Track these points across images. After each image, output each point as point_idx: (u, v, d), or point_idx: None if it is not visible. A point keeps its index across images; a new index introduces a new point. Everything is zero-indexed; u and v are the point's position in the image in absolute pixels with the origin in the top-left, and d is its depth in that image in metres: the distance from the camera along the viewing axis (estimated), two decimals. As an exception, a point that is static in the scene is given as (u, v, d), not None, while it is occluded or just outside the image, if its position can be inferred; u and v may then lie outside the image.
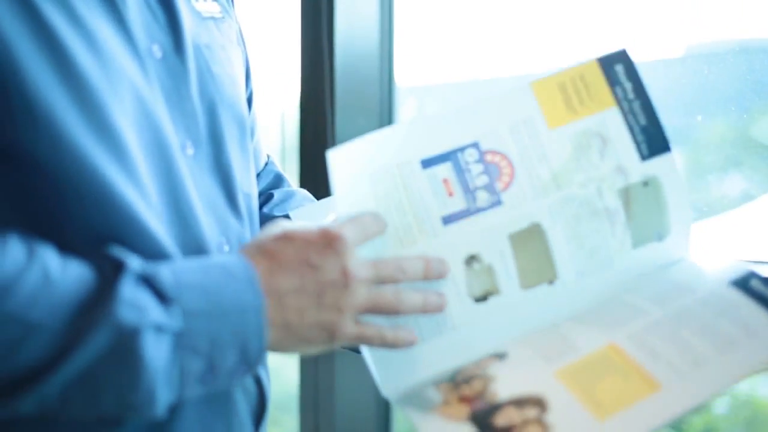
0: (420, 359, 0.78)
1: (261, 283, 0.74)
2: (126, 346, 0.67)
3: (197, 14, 0.93)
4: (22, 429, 0.74)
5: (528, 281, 0.80)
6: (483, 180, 0.81)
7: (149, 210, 0.77)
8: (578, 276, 0.79)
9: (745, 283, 0.71)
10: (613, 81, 0.82)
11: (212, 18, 0.96)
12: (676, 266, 0.79)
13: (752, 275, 0.72)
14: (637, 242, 0.80)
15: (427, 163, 0.81)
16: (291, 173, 1.80)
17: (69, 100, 0.73)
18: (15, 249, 0.68)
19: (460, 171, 0.82)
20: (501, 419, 0.67)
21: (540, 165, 0.81)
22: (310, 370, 1.60)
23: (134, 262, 0.72)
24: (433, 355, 0.79)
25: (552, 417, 0.66)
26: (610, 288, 0.79)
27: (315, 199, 1.13)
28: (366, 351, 0.83)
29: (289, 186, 1.14)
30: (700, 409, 0.65)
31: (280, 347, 0.77)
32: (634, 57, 0.83)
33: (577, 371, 0.69)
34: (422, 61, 2.05)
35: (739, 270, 0.73)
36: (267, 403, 0.95)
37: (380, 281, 0.79)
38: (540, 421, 0.66)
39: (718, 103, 1.61)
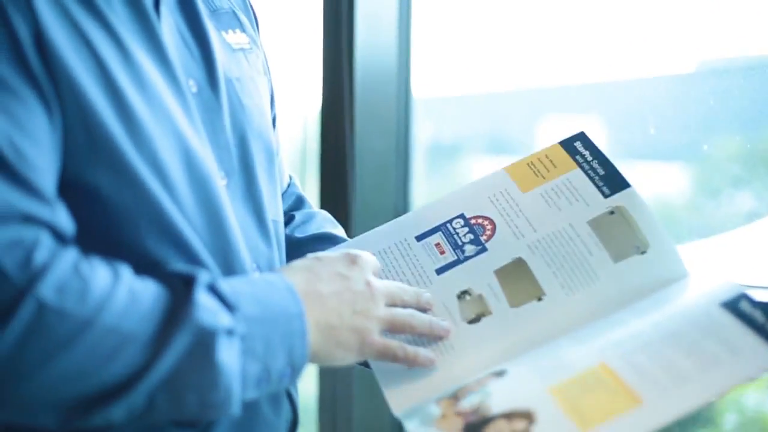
0: (423, 378, 0.88)
1: (300, 291, 0.82)
2: (205, 346, 0.73)
3: (228, 46, 0.98)
4: None
5: (517, 301, 0.92)
6: (469, 237, 0.99)
7: (195, 237, 0.84)
8: (566, 290, 0.91)
9: (735, 305, 0.77)
10: (573, 153, 0.99)
11: (242, 50, 1.01)
12: (674, 286, 0.86)
13: (742, 297, 0.78)
14: (618, 257, 0.91)
15: (420, 237, 1.01)
16: (311, 177, 1.82)
17: (125, 135, 0.79)
18: (102, 269, 0.75)
19: (449, 235, 1.01)
20: (490, 431, 0.75)
21: (518, 217, 0.98)
22: (328, 384, 1.63)
23: (203, 275, 0.78)
24: (436, 374, 0.88)
25: (538, 429, 0.73)
26: (607, 298, 0.88)
27: (333, 219, 1.21)
28: (376, 369, 0.92)
29: (309, 207, 1.19)
30: (680, 420, 0.70)
31: (319, 352, 0.83)
32: (591, 136, 1.00)
33: (568, 387, 0.76)
34: (438, 73, 2.06)
35: (730, 291, 0.79)
36: (298, 419, 1.01)
37: (392, 304, 0.90)
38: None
39: (728, 120, 1.61)
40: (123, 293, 0.74)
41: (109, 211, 0.79)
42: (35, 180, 0.73)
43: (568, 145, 1.00)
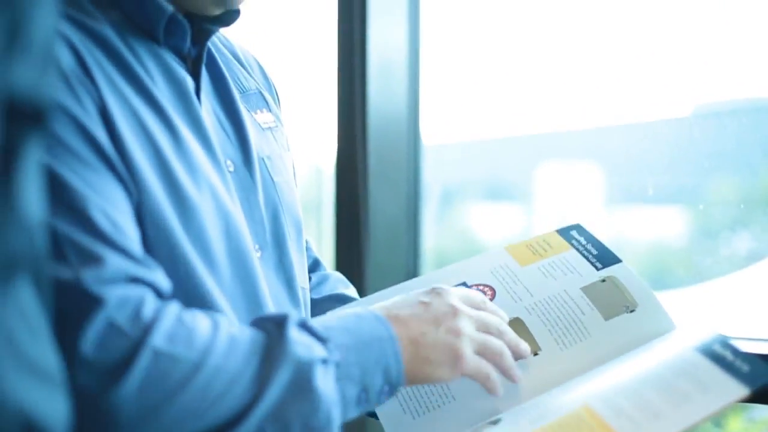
0: (428, 425, 0.96)
1: (385, 318, 0.90)
2: (304, 378, 0.80)
3: (258, 126, 1.06)
4: None
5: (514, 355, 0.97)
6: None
7: (231, 307, 0.91)
8: (560, 346, 0.98)
9: (709, 347, 0.85)
10: (569, 239, 1.09)
11: (270, 128, 1.09)
12: (659, 338, 0.95)
13: (716, 341, 0.86)
14: (608, 315, 0.98)
15: None
16: (327, 224, 1.86)
17: (178, 218, 0.87)
18: (201, 318, 0.82)
19: None
20: None
21: (516, 285, 1.06)
22: None
23: (291, 314, 0.85)
24: (439, 422, 0.96)
25: None
26: (599, 352, 0.96)
27: (345, 280, 1.28)
28: (383, 419, 0.99)
29: (324, 270, 1.27)
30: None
31: (413, 369, 0.89)
32: (586, 226, 1.11)
33: (554, 428, 0.83)
34: (446, 121, 2.09)
35: (706, 336, 0.87)
36: None
37: (485, 331, 0.95)
38: None
39: (725, 163, 1.60)
40: (224, 337, 0.81)
41: None
42: (130, 246, 0.80)
43: (564, 232, 1.10)
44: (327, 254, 1.77)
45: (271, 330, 0.84)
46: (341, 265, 1.62)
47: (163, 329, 0.79)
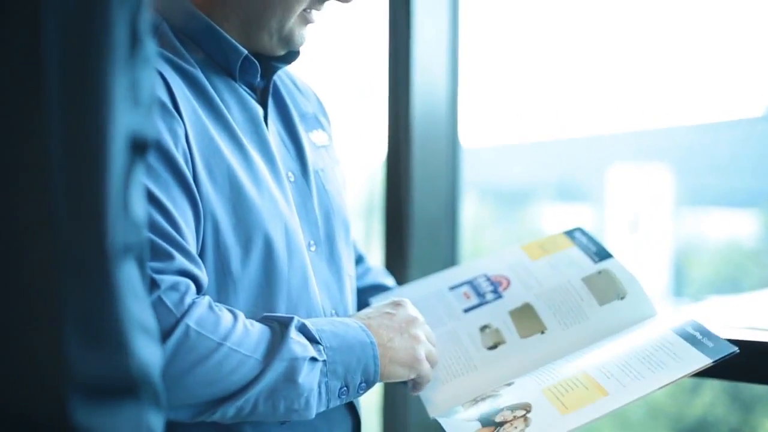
0: (454, 389, 1.15)
1: (367, 326, 1.10)
2: (293, 371, 1.01)
3: (313, 144, 1.25)
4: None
5: (525, 333, 1.18)
6: (490, 288, 1.27)
7: (286, 290, 1.11)
8: (562, 326, 1.17)
9: (682, 328, 1.06)
10: (572, 238, 1.27)
11: (323, 146, 1.28)
12: (645, 321, 1.13)
13: (689, 323, 1.06)
14: (603, 301, 1.17)
15: (452, 288, 1.29)
16: (377, 225, 2.01)
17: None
18: (226, 311, 1.02)
19: (475, 287, 1.28)
20: (498, 417, 1.03)
21: (527, 276, 1.25)
22: (389, 394, 1.84)
23: (294, 319, 1.05)
24: (462, 387, 1.15)
25: (533, 414, 1.01)
26: (595, 332, 1.14)
27: (385, 272, 1.49)
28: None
29: (367, 263, 1.46)
30: (633, 405, 0.99)
31: (383, 369, 1.09)
32: (586, 228, 1.28)
33: (557, 387, 1.03)
34: (484, 126, 2.12)
35: (682, 320, 1.08)
36: (361, 423, 1.21)
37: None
38: (524, 417, 1.01)
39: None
40: (241, 327, 1.01)
41: None
42: (187, 247, 1.00)
43: (569, 233, 1.28)
44: (376, 249, 1.96)
45: (277, 328, 1.04)
46: (388, 259, 1.79)
47: (196, 314, 0.99)
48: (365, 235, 2.23)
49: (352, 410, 1.19)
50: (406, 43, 1.79)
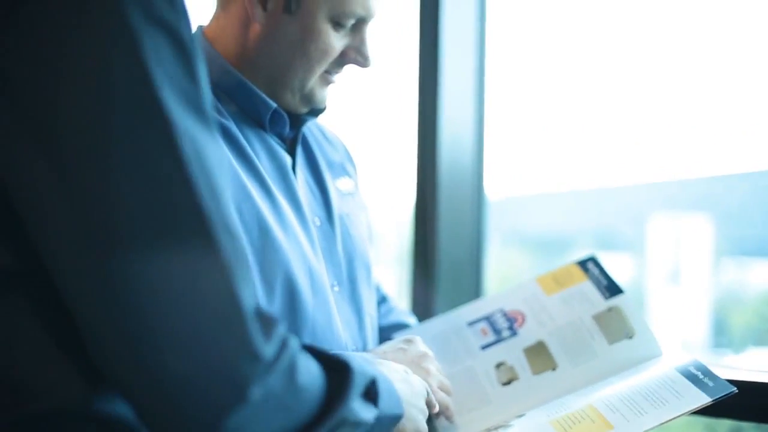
0: (469, 421, 1.21)
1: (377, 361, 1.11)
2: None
3: (339, 191, 1.31)
4: None
5: (537, 370, 1.24)
6: (506, 325, 1.32)
7: (310, 328, 1.15)
8: (573, 364, 1.23)
9: (685, 368, 1.11)
10: (585, 269, 1.32)
11: (349, 193, 1.34)
12: (650, 360, 1.18)
13: (692, 364, 1.12)
14: (612, 340, 1.22)
15: (471, 323, 1.35)
16: (404, 270, 2.03)
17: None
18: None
19: (492, 323, 1.33)
20: None
21: (542, 312, 1.30)
22: None
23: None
24: (477, 419, 1.21)
25: None
26: (603, 370, 1.19)
27: (407, 311, 1.54)
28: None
29: (390, 303, 1.53)
30: None
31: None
32: (599, 258, 1.33)
33: (565, 419, 1.09)
34: (508, 178, 2.14)
35: (685, 360, 1.13)
36: None
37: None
38: None
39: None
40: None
41: None
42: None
43: (582, 264, 1.34)
44: (404, 294, 2.04)
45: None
46: (415, 301, 1.86)
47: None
48: (396, 280, 2.27)
49: None
50: (434, 95, 1.85)
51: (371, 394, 0.94)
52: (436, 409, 1.15)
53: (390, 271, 2.38)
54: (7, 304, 0.74)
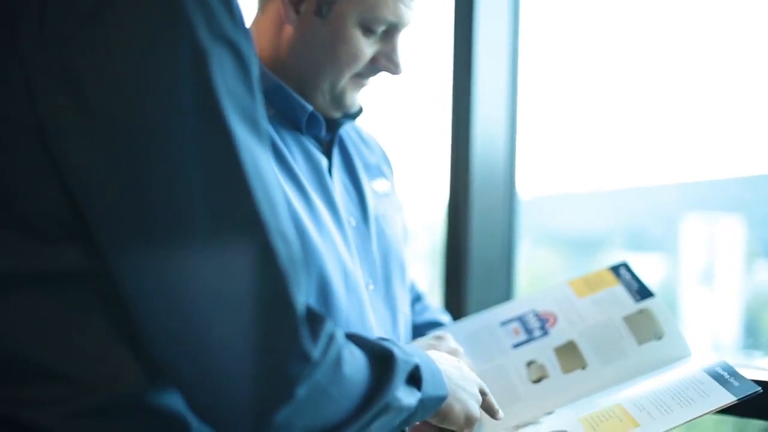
0: (502, 421, 1.21)
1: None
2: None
3: (375, 192, 1.34)
4: None
5: (567, 369, 1.26)
6: (538, 324, 1.34)
7: (344, 327, 1.15)
8: (602, 363, 1.25)
9: (712, 369, 1.13)
10: (618, 274, 1.34)
11: (385, 194, 1.36)
12: (679, 360, 1.20)
13: (719, 364, 1.13)
14: (641, 341, 1.25)
15: (503, 323, 1.37)
16: (437, 268, 2.05)
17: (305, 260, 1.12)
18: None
19: (524, 323, 1.36)
20: None
21: (573, 313, 1.33)
22: None
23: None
24: (507, 416, 1.21)
25: None
26: (632, 370, 1.21)
27: (441, 309, 1.56)
28: None
29: (425, 301, 1.54)
30: None
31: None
32: (632, 264, 1.35)
33: (592, 417, 1.11)
34: (541, 178, 2.16)
35: (713, 361, 1.15)
36: None
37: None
38: None
39: None
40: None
41: None
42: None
43: (615, 269, 1.36)
44: (437, 292, 2.05)
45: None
46: (448, 301, 1.88)
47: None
48: (428, 278, 2.30)
49: None
50: (467, 94, 1.87)
51: (415, 378, 0.96)
52: (491, 399, 1.14)
53: (422, 268, 2.41)
54: (74, 301, 0.78)
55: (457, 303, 1.83)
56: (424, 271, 2.36)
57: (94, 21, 0.73)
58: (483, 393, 1.13)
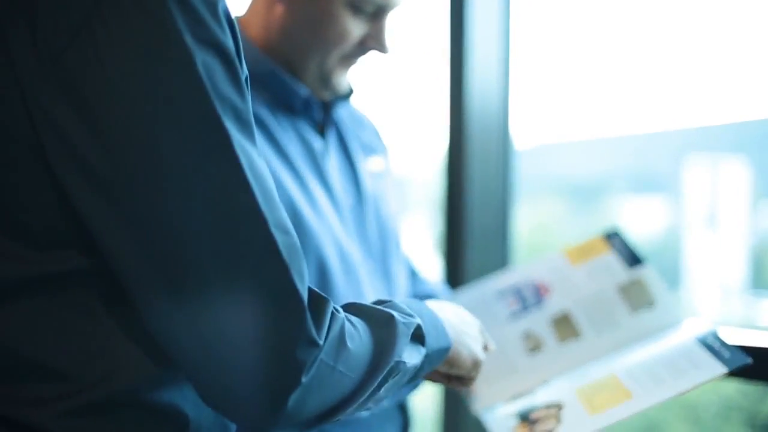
0: (495, 388, 1.25)
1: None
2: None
3: (370, 171, 1.34)
4: None
5: (562, 338, 1.28)
6: (532, 294, 1.36)
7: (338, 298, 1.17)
8: (596, 332, 1.27)
9: (704, 338, 1.12)
10: (611, 241, 1.35)
11: (379, 174, 1.36)
12: (672, 328, 1.20)
13: (710, 333, 1.12)
14: (633, 309, 1.26)
15: (498, 294, 1.38)
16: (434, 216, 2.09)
17: (301, 243, 1.07)
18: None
19: (519, 292, 1.38)
20: (533, 415, 1.13)
21: (567, 282, 1.33)
22: (450, 399, 1.89)
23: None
24: (503, 386, 1.24)
25: (565, 412, 1.12)
26: (626, 338, 1.23)
27: (437, 282, 1.56)
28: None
29: (422, 277, 1.54)
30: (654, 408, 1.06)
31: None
32: (623, 231, 1.34)
33: (587, 387, 1.13)
34: (557, 122, 2.15)
35: (704, 330, 1.13)
36: (409, 424, 1.29)
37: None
38: (556, 415, 1.11)
39: None
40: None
41: None
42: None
43: (608, 236, 1.37)
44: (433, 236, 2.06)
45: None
46: (447, 260, 1.89)
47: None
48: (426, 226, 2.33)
49: (403, 410, 1.29)
50: (461, 44, 1.87)
51: (418, 336, 0.97)
52: (491, 345, 1.15)
53: (420, 217, 2.43)
54: (70, 300, 0.79)
55: (455, 251, 1.87)
56: (422, 220, 2.38)
57: (84, 33, 0.75)
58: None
